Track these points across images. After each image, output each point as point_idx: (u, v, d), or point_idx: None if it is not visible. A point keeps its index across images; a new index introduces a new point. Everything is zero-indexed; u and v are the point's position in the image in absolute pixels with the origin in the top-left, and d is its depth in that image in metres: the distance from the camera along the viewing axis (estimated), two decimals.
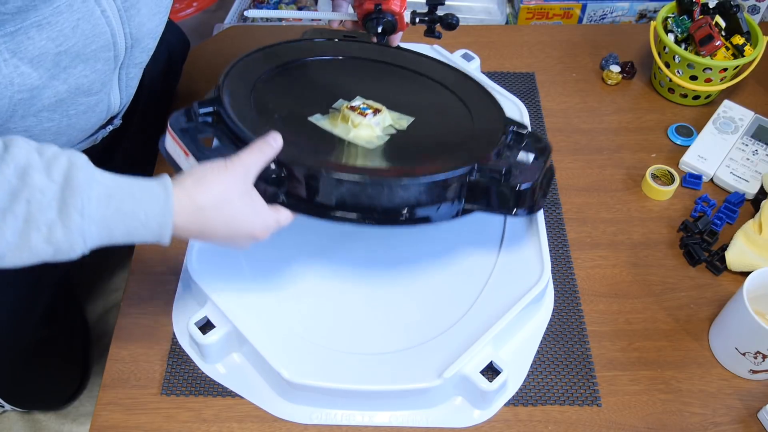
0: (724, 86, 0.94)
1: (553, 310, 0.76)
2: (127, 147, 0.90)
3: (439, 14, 0.85)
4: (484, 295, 0.73)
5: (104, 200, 0.54)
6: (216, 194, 0.59)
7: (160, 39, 0.94)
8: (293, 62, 0.80)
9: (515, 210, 0.69)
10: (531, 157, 0.73)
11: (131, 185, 0.56)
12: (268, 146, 0.63)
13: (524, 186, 0.68)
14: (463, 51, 0.96)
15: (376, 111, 0.72)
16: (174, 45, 0.97)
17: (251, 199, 0.61)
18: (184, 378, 0.71)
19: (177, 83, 1.00)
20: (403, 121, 0.74)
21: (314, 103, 0.75)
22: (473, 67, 0.94)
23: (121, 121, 0.82)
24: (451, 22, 0.84)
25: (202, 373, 0.71)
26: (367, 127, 0.71)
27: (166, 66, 0.96)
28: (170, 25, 0.97)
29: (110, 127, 0.80)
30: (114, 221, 0.54)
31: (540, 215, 0.77)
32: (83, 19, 0.60)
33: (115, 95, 0.73)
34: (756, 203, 0.85)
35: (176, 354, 0.73)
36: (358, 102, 0.73)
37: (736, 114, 0.94)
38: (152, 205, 0.56)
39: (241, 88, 0.73)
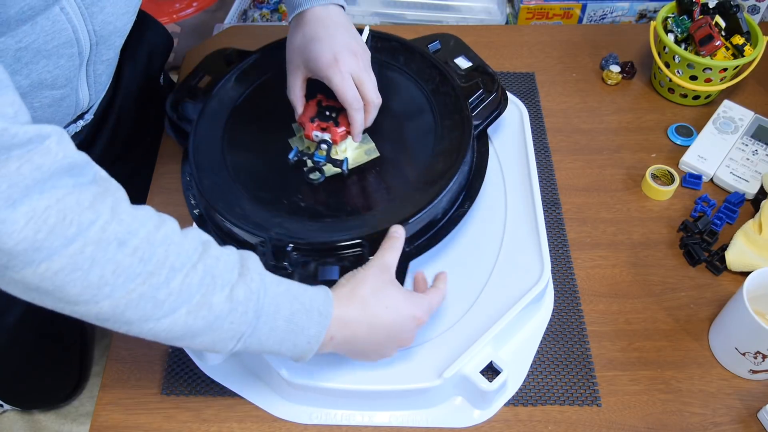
0: (724, 86, 0.94)
1: (553, 310, 0.76)
2: (103, 145, 0.91)
3: None
4: (484, 295, 0.73)
5: (273, 286, 0.56)
6: (372, 284, 0.61)
7: (141, 38, 0.94)
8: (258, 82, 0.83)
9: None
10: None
11: (297, 284, 0.58)
12: (397, 240, 0.65)
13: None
14: None
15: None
16: (156, 44, 0.98)
17: (400, 287, 0.64)
18: (184, 378, 0.71)
19: (158, 81, 1.00)
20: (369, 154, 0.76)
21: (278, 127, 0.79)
22: None
23: (92, 117, 0.82)
24: None
25: (202, 373, 0.71)
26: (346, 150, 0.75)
27: (146, 65, 0.96)
28: (153, 23, 0.97)
29: (81, 122, 0.80)
30: (284, 299, 0.56)
31: (540, 215, 0.77)
32: (41, 16, 0.61)
33: (84, 91, 0.74)
34: (756, 203, 0.85)
35: (176, 354, 0.73)
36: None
37: (736, 114, 0.94)
38: (317, 293, 0.58)
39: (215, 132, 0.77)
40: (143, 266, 0.48)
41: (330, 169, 0.74)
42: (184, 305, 0.50)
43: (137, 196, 0.63)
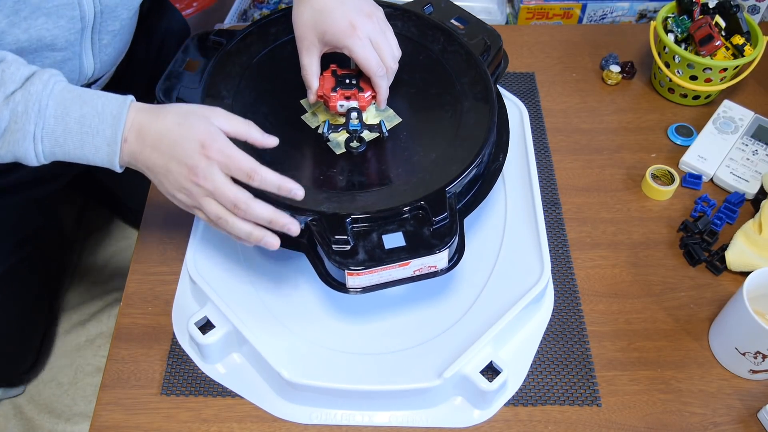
0: (724, 86, 0.94)
1: (553, 310, 0.76)
2: None
3: None
4: (484, 295, 0.73)
5: (65, 87, 0.60)
6: (188, 108, 0.62)
7: (158, 22, 0.95)
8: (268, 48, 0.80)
9: None
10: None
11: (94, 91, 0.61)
12: (257, 132, 0.63)
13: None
14: None
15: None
16: (171, 30, 0.98)
17: (209, 124, 0.61)
18: (184, 378, 0.71)
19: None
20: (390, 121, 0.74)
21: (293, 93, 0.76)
22: None
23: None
24: None
25: (202, 373, 0.71)
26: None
27: (159, 49, 0.97)
28: (170, 9, 0.98)
29: None
30: (71, 103, 0.59)
31: (540, 215, 0.77)
32: None
33: (89, 59, 0.74)
34: (756, 203, 0.85)
35: (176, 354, 0.73)
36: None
37: (736, 114, 0.94)
38: (112, 99, 0.61)
39: (227, 82, 0.75)
40: None
41: (367, 136, 0.72)
42: None
43: (137, 187, 0.64)
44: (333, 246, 0.62)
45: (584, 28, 1.11)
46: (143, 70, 0.95)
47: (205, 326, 0.70)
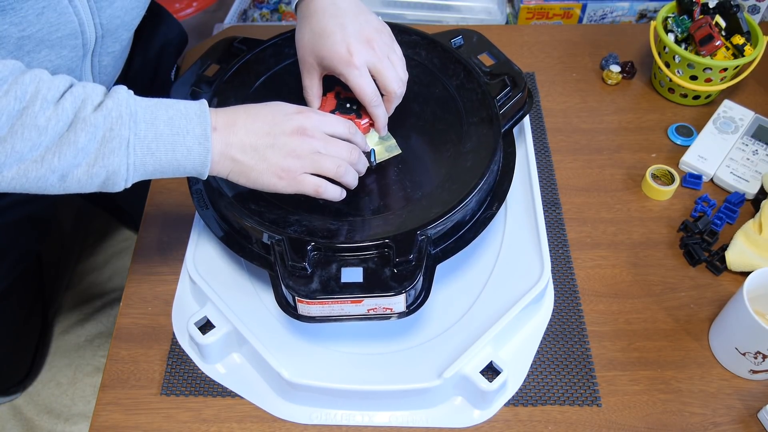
0: (724, 86, 0.94)
1: (553, 310, 0.76)
2: None
3: None
4: (484, 295, 0.73)
5: (142, 97, 0.60)
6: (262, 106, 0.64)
7: (154, 32, 0.94)
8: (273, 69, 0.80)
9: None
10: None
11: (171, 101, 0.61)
12: (357, 131, 0.67)
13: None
14: None
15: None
16: (169, 38, 0.97)
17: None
18: (184, 378, 0.71)
19: (169, 76, 1.00)
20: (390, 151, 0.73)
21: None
22: None
23: None
24: None
25: (202, 373, 0.71)
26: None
27: (157, 58, 0.96)
28: (168, 17, 0.97)
29: None
30: (156, 108, 0.59)
31: (540, 215, 0.77)
32: (49, 8, 0.61)
33: (88, 81, 0.73)
34: (756, 203, 0.85)
35: (176, 354, 0.73)
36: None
37: (736, 114, 0.94)
38: (190, 102, 0.61)
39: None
40: (18, 103, 0.53)
41: None
42: (62, 125, 0.55)
43: (135, 191, 0.64)
44: (290, 270, 0.60)
45: (584, 28, 1.11)
46: (140, 81, 0.94)
47: (205, 326, 0.70)
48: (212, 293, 0.71)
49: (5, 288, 0.99)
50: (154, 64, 0.95)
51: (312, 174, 0.63)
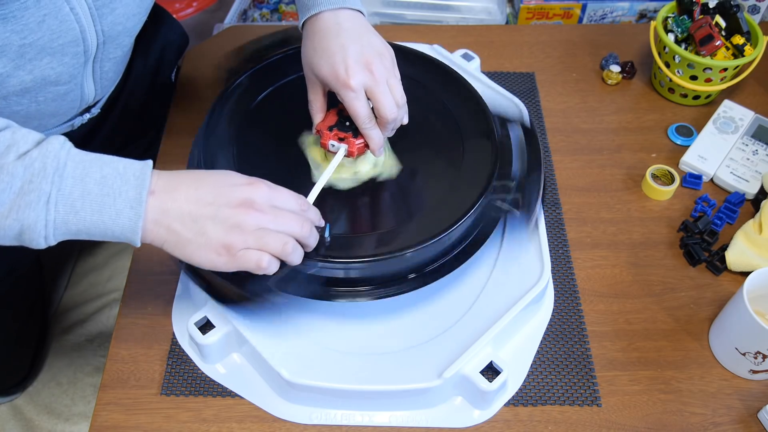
0: (724, 86, 0.94)
1: (553, 310, 0.76)
2: (106, 134, 0.90)
3: None
4: (484, 295, 0.73)
5: (80, 151, 0.56)
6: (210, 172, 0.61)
7: (155, 33, 0.94)
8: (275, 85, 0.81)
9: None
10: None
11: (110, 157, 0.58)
12: (310, 207, 0.64)
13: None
14: (463, 51, 0.96)
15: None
16: (169, 40, 0.97)
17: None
18: (184, 378, 0.71)
19: (170, 78, 1.00)
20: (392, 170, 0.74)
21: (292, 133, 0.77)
22: (473, 67, 0.93)
23: (99, 110, 0.82)
24: None
25: (202, 373, 0.71)
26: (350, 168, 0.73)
27: (158, 60, 0.96)
28: (168, 19, 0.97)
29: (87, 115, 0.80)
30: (91, 164, 0.55)
31: (540, 215, 0.77)
32: (50, 15, 0.61)
33: (89, 87, 0.73)
34: (756, 203, 0.85)
35: (176, 354, 0.73)
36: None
37: (736, 114, 0.94)
38: (133, 162, 0.57)
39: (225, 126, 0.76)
40: None
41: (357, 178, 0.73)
42: None
43: None
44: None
45: (584, 28, 1.11)
46: (142, 84, 0.94)
47: (205, 326, 0.70)
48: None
49: (5, 288, 0.99)
50: (154, 65, 0.95)
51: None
